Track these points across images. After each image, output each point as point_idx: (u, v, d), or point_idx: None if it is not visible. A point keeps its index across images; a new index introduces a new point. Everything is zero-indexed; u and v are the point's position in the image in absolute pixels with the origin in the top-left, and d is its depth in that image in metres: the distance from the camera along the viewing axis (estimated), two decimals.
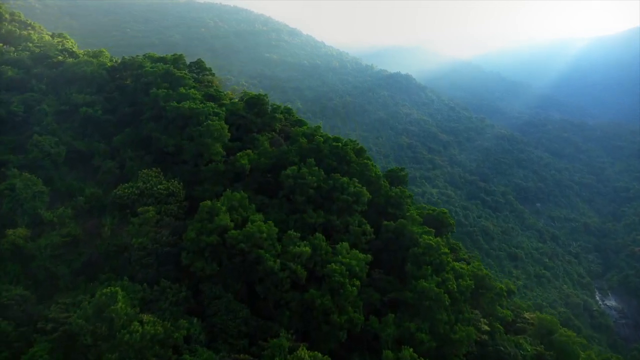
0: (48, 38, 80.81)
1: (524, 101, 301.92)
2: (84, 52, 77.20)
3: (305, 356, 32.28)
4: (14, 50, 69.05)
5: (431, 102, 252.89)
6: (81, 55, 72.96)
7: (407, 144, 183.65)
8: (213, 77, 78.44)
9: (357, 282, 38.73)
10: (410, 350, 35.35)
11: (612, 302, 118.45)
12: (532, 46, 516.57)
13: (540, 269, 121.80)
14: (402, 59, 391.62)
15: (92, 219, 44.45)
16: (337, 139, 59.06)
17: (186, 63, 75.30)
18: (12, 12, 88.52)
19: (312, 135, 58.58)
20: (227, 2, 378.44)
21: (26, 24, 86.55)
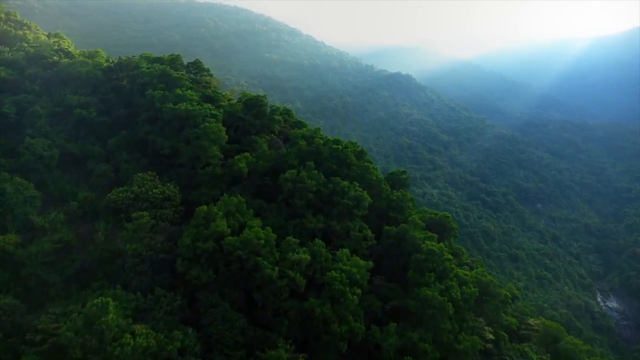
0: (44, 38, 79.39)
1: (524, 101, 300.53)
2: (80, 53, 75.89)
3: None
4: (8, 50, 67.79)
5: (431, 102, 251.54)
6: (77, 56, 71.64)
7: (408, 145, 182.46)
8: (211, 77, 77.07)
9: (358, 291, 37.52)
10: None
11: (613, 303, 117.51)
12: (532, 46, 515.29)
13: (542, 270, 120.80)
14: (402, 59, 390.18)
15: (85, 224, 43.25)
16: (337, 141, 57.76)
17: (183, 64, 73.92)
18: (7, 12, 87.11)
19: (311, 137, 57.27)
20: (227, 2, 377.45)
21: (22, 24, 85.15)
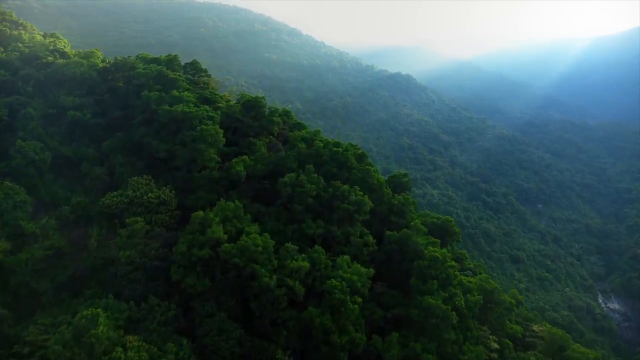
0: (39, 38, 78.15)
1: (524, 101, 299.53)
2: (75, 53, 74.61)
3: None
4: (2, 50, 66.55)
5: (432, 102, 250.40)
6: (72, 56, 70.38)
7: (408, 145, 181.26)
8: (209, 78, 75.85)
9: (359, 299, 36.33)
10: None
11: (614, 305, 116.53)
12: (533, 46, 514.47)
13: (543, 271, 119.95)
14: (402, 59, 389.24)
15: (78, 229, 41.98)
16: (337, 143, 56.53)
17: (181, 64, 72.68)
18: (3, 12, 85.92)
19: (311, 139, 56.05)
20: (227, 1, 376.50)
21: (17, 24, 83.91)
